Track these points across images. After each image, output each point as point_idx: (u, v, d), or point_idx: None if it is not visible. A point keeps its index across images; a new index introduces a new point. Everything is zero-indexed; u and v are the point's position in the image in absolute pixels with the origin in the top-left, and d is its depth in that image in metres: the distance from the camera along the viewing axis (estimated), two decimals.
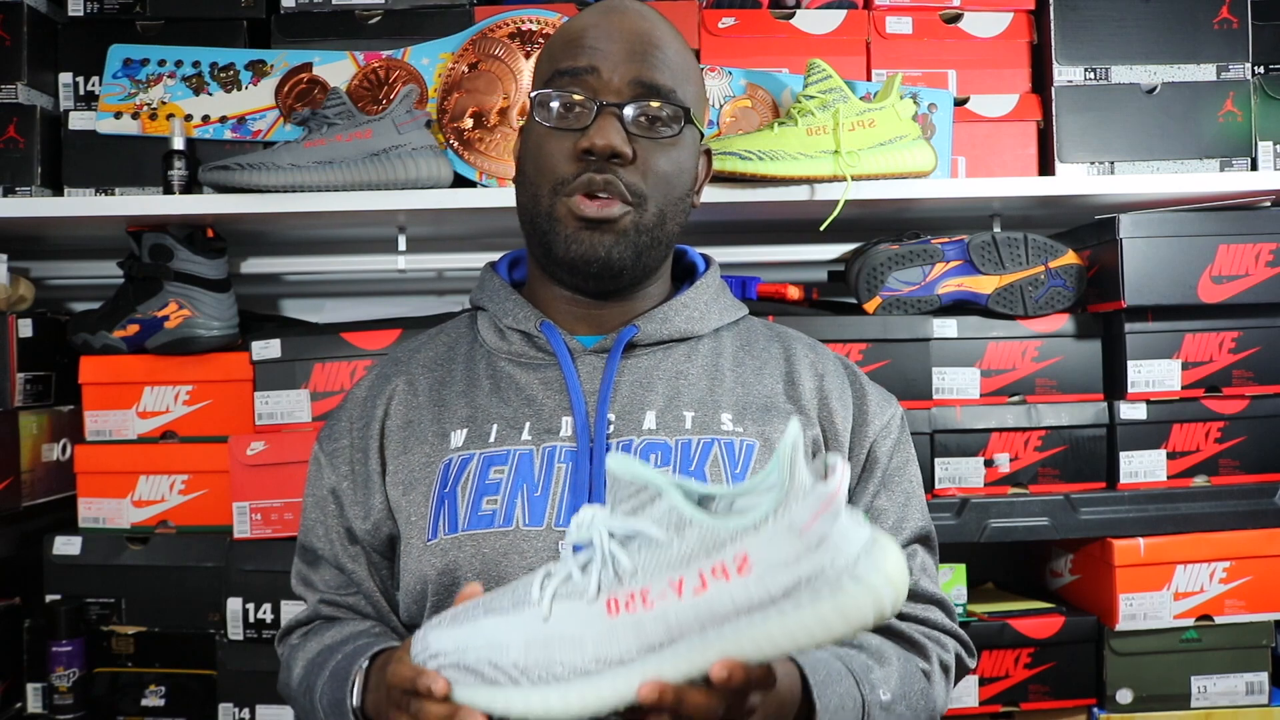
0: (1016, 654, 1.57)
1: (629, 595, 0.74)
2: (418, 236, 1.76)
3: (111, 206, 1.56)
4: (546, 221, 1.03)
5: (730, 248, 1.80)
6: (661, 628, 0.73)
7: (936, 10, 1.65)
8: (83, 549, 1.57)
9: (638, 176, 1.02)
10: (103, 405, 1.61)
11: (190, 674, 1.57)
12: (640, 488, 0.75)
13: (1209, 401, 1.59)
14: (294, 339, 1.59)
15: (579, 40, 1.04)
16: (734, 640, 0.72)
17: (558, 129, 1.03)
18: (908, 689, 0.96)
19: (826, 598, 0.70)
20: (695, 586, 0.72)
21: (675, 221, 1.07)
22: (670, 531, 0.73)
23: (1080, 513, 1.57)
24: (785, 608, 0.71)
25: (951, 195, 1.57)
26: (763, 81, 1.62)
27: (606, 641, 0.74)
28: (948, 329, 1.59)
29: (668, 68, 1.04)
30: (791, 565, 0.70)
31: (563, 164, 1.02)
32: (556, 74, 1.04)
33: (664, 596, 0.73)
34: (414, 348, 1.16)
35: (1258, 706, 1.57)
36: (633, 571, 0.74)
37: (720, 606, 0.71)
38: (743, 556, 0.71)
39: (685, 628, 0.72)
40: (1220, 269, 1.56)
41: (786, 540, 0.70)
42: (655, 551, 0.73)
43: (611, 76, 1.02)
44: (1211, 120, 1.63)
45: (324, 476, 1.11)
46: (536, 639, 0.76)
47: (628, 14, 1.06)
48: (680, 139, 1.05)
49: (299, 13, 1.62)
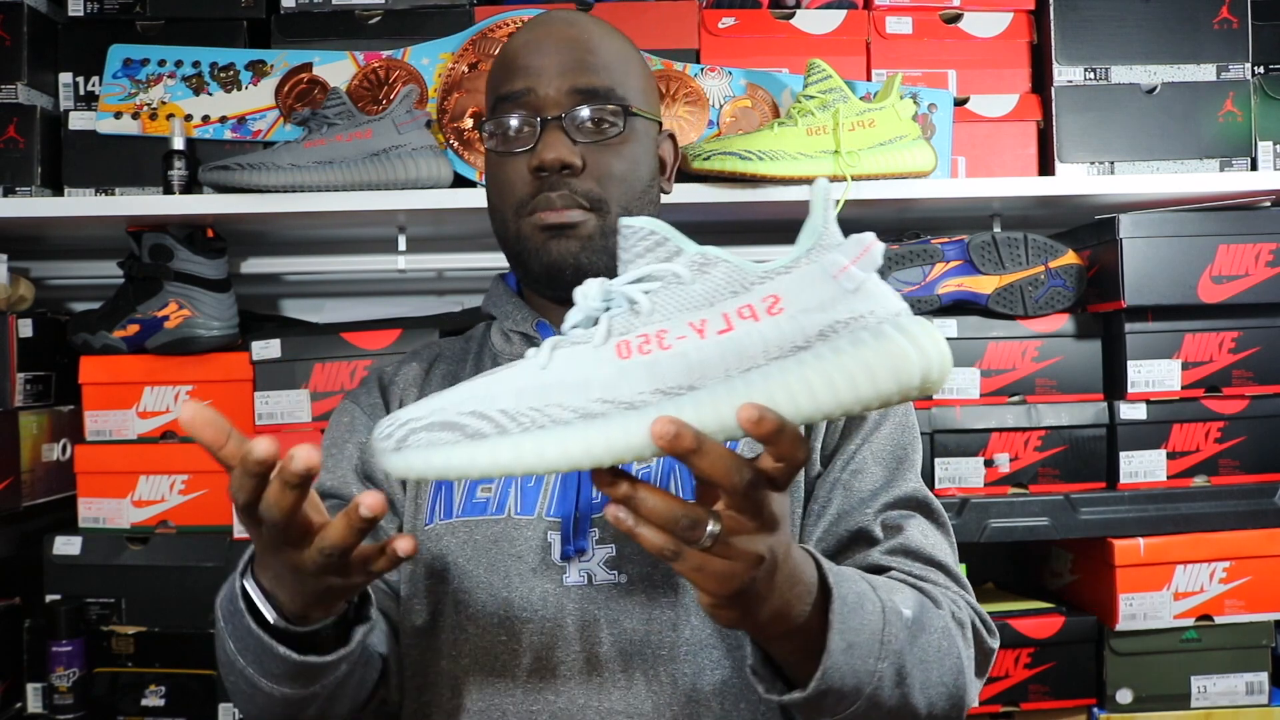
0: (1016, 654, 1.57)
1: (643, 337, 0.65)
2: (418, 236, 1.76)
3: (111, 206, 1.56)
4: (516, 243, 1.06)
5: (730, 248, 1.78)
6: (680, 368, 0.64)
7: (936, 10, 1.65)
8: (83, 549, 1.57)
9: (592, 183, 1.03)
10: (103, 405, 1.61)
11: (190, 674, 1.57)
12: (658, 241, 0.67)
13: (1209, 401, 1.59)
14: (294, 339, 1.59)
15: (512, 63, 1.06)
16: (762, 386, 0.62)
17: (509, 153, 1.05)
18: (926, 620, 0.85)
19: (869, 343, 0.62)
20: (720, 328, 0.64)
21: (645, 214, 1.08)
22: (693, 270, 0.65)
23: (1080, 513, 1.57)
24: (822, 351, 0.62)
25: (951, 195, 1.57)
26: (763, 81, 1.62)
27: (615, 383, 0.64)
28: (948, 329, 1.59)
29: (602, 68, 1.05)
30: (828, 307, 0.63)
31: (519, 186, 1.04)
32: (499, 101, 1.06)
33: (684, 338, 0.64)
34: (436, 345, 1.20)
35: (1258, 706, 1.57)
36: (650, 311, 0.65)
37: (748, 347, 0.63)
38: (773, 297, 0.63)
39: (708, 370, 0.63)
40: (1220, 269, 1.56)
41: (821, 282, 0.63)
42: (676, 291, 0.65)
43: (547, 91, 1.04)
44: (1211, 120, 1.63)
45: (356, 424, 1.11)
46: (532, 386, 0.66)
47: (554, 25, 1.08)
48: (630, 134, 1.06)
49: (299, 13, 1.62)
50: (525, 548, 0.98)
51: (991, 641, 0.94)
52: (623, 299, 0.66)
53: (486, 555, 0.99)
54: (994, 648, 0.95)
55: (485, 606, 0.97)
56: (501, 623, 0.96)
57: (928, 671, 0.83)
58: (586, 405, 0.64)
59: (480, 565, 0.98)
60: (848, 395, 0.62)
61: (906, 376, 0.62)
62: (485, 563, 0.98)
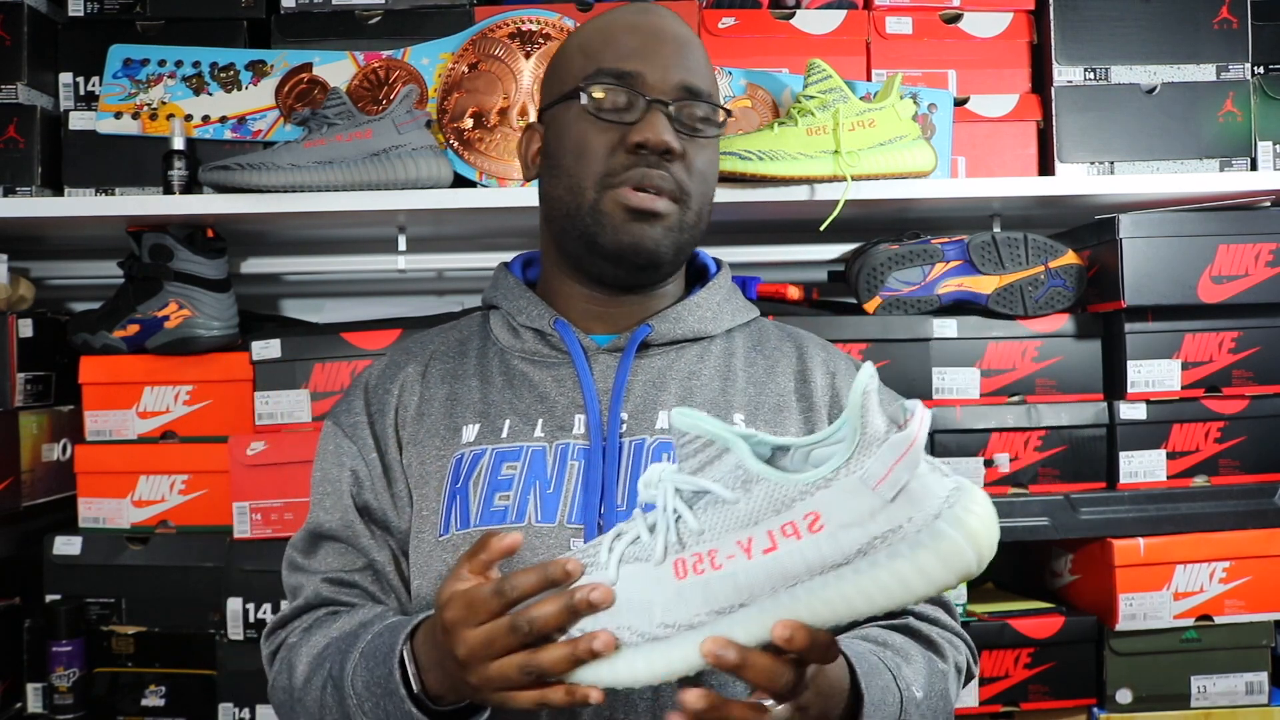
0: (1016, 654, 1.57)
1: (697, 556, 0.71)
2: (418, 236, 1.76)
3: (111, 206, 1.56)
4: (591, 214, 1.03)
5: (730, 248, 1.80)
6: (730, 589, 0.69)
7: (936, 10, 1.65)
8: (83, 549, 1.57)
9: (684, 173, 1.03)
10: (103, 405, 1.61)
11: (190, 674, 1.57)
12: (707, 442, 0.71)
13: (1209, 401, 1.59)
14: (294, 339, 1.59)
15: (620, 41, 1.05)
16: (806, 602, 0.68)
17: (605, 121, 1.03)
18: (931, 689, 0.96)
19: (905, 556, 0.66)
20: (765, 547, 0.68)
21: (706, 220, 1.09)
22: (737, 490, 0.70)
23: (1080, 513, 1.57)
24: (861, 567, 0.67)
25: (951, 195, 1.57)
26: (763, 81, 1.62)
27: (675, 605, 0.71)
28: (948, 329, 1.59)
29: (704, 72, 1.07)
30: (866, 522, 0.66)
31: (610, 157, 1.02)
32: (600, 72, 1.04)
33: (732, 558, 0.69)
34: (424, 339, 1.15)
35: (1257, 706, 1.57)
36: (699, 532, 0.71)
37: (792, 566, 0.68)
38: (814, 515, 0.67)
39: (756, 589, 0.69)
40: (1220, 269, 1.56)
41: (860, 495, 0.66)
42: (722, 510, 0.70)
43: (657, 78, 1.03)
44: (1211, 120, 1.63)
45: (342, 450, 1.07)
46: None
47: (665, 18, 1.08)
48: (717, 140, 1.08)
49: (299, 13, 1.62)
50: (547, 556, 0.95)
51: (975, 669, 1.08)
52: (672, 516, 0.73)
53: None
54: (975, 673, 1.09)
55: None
56: None
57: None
58: (652, 629, 0.72)
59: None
60: (883, 602, 0.67)
61: (942, 580, 0.66)
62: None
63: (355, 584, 1.04)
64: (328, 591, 1.03)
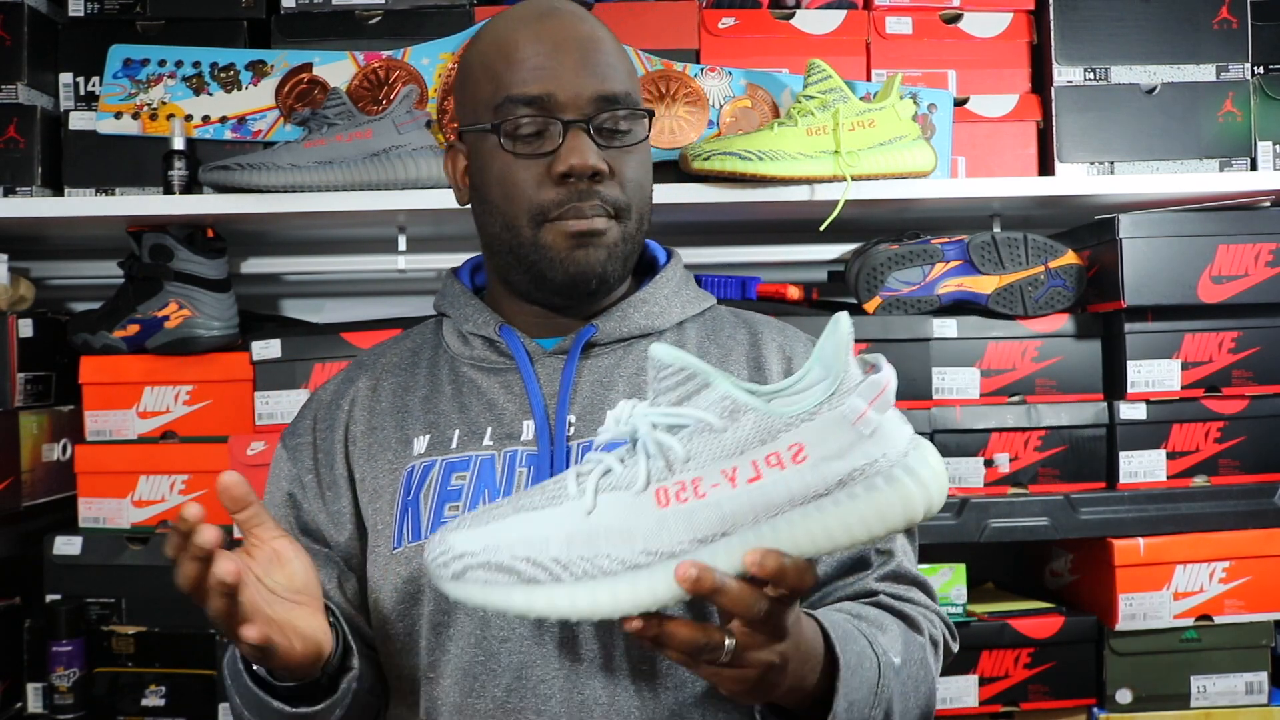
0: (1016, 654, 1.57)
1: (679, 485, 0.71)
2: (418, 236, 1.76)
3: (111, 206, 1.56)
4: (533, 251, 1.01)
5: (730, 248, 1.80)
6: (715, 518, 0.71)
7: (936, 10, 1.65)
8: (83, 549, 1.57)
9: (617, 190, 1.00)
10: (103, 405, 1.61)
11: (190, 674, 1.57)
12: (688, 375, 0.72)
13: (1209, 401, 1.59)
14: (294, 339, 1.59)
15: (523, 58, 1.00)
16: (788, 532, 0.70)
17: (525, 155, 0.99)
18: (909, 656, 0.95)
19: (881, 488, 0.69)
20: (750, 476, 0.70)
21: (648, 220, 1.07)
22: (725, 419, 0.71)
23: (1080, 513, 1.57)
24: (840, 498, 0.70)
25: (951, 195, 1.57)
26: (763, 81, 1.62)
27: (657, 533, 0.72)
28: (948, 329, 1.59)
29: (618, 71, 1.02)
30: (846, 455, 0.69)
31: (539, 191, 0.99)
32: (509, 100, 0.99)
33: (717, 486, 0.71)
34: (378, 352, 1.14)
35: (1257, 706, 1.58)
36: (685, 459, 0.71)
37: (775, 496, 0.70)
38: (798, 446, 0.69)
39: (739, 518, 0.70)
40: (1220, 269, 1.56)
41: (841, 430, 0.69)
42: (709, 439, 0.71)
43: (569, 95, 0.98)
44: (1211, 120, 1.63)
45: (283, 472, 1.07)
46: (580, 532, 0.73)
47: (565, 22, 1.02)
48: (644, 138, 1.04)
49: (299, 13, 1.62)
50: None
51: (955, 646, 1.06)
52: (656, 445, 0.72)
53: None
54: (955, 650, 1.06)
55: (463, 626, 0.96)
56: (479, 642, 0.95)
57: (908, 701, 0.93)
58: (633, 557, 0.72)
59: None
60: (861, 534, 0.70)
61: (911, 513, 0.70)
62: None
63: None
64: None
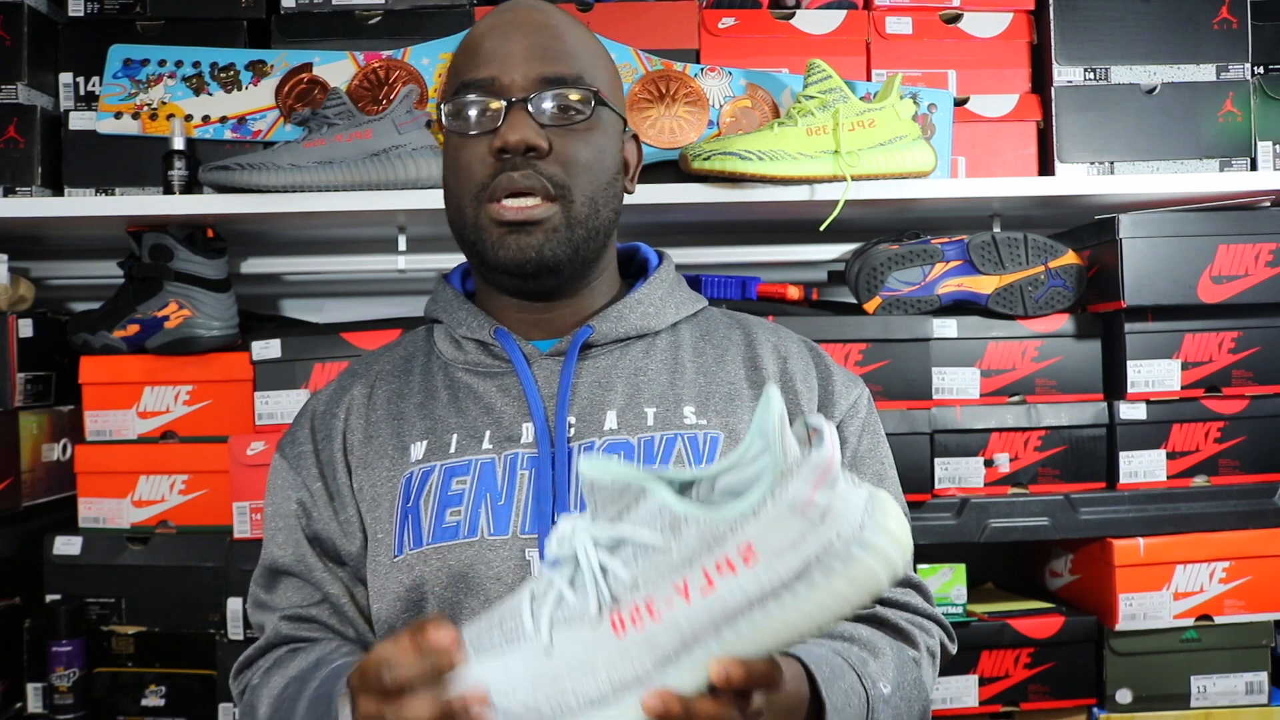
0: (1016, 654, 1.57)
1: (633, 609, 0.69)
2: (418, 236, 1.76)
3: (111, 206, 1.56)
4: (474, 231, 1.02)
5: (730, 248, 1.80)
6: (675, 637, 0.69)
7: (936, 10, 1.65)
8: (83, 549, 1.57)
9: (557, 167, 1.00)
10: (103, 405, 1.61)
11: (190, 674, 1.57)
12: (622, 488, 0.70)
13: (1209, 401, 1.59)
14: (294, 339, 1.59)
15: (477, 49, 1.03)
16: (750, 634, 0.68)
17: (470, 135, 1.01)
18: (903, 679, 0.95)
19: (839, 571, 0.67)
20: (702, 586, 0.68)
21: (609, 209, 1.05)
22: (665, 533, 0.69)
23: (1080, 513, 1.57)
24: (799, 590, 0.67)
25: (951, 195, 1.57)
26: (763, 81, 1.62)
27: (619, 663, 0.69)
28: (948, 329, 1.59)
29: (570, 55, 1.03)
30: (799, 546, 0.67)
31: (480, 169, 1.00)
32: (461, 86, 1.02)
33: (670, 604, 0.68)
34: (371, 359, 1.14)
35: (1257, 706, 1.58)
36: (632, 583, 0.69)
37: (732, 603, 0.68)
38: (747, 546, 0.67)
39: (700, 631, 0.68)
40: (1220, 269, 1.56)
41: (789, 521, 0.67)
42: (652, 557, 0.69)
43: (514, 77, 1.00)
44: (1211, 120, 1.63)
45: (287, 482, 1.07)
46: (544, 675, 0.70)
47: (520, 11, 1.05)
48: (596, 122, 1.03)
49: (299, 13, 1.62)
50: (503, 568, 0.96)
51: (953, 648, 1.06)
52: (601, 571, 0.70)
53: (464, 580, 0.96)
54: (954, 651, 1.07)
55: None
56: None
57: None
58: (599, 691, 0.69)
59: (458, 590, 0.96)
60: (826, 620, 0.68)
61: (875, 587, 0.68)
62: (463, 587, 0.96)
63: (314, 619, 1.04)
64: (287, 629, 1.03)
